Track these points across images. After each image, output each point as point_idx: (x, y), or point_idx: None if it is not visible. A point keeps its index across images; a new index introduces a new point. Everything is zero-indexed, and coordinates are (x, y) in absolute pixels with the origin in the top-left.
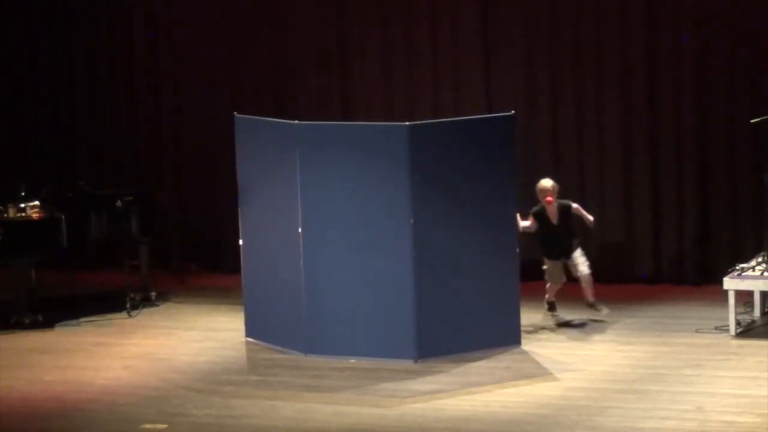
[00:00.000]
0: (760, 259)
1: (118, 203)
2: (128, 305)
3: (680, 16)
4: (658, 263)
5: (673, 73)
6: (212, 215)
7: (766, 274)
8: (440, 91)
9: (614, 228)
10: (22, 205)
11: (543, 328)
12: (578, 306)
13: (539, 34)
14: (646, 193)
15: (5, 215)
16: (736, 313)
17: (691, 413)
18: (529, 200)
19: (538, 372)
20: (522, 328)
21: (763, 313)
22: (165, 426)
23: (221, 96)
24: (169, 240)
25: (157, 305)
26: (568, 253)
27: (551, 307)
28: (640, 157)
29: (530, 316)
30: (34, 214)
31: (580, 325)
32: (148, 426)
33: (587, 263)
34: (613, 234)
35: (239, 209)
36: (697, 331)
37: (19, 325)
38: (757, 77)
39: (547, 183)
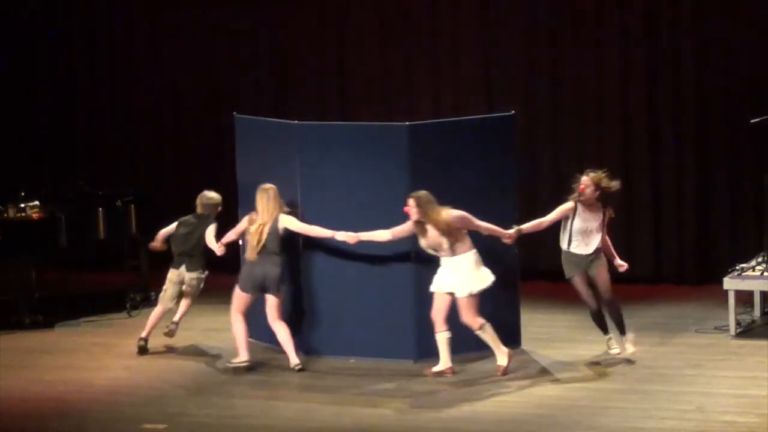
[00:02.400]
0: (760, 259)
1: (118, 203)
2: (128, 305)
3: (680, 17)
4: (658, 263)
5: (674, 73)
6: None
7: (766, 274)
8: (440, 91)
9: (615, 228)
10: (22, 205)
11: (543, 328)
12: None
13: (539, 34)
14: (646, 192)
15: (5, 215)
16: (736, 313)
17: (691, 413)
18: (529, 200)
19: (538, 372)
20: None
21: (763, 313)
22: (165, 426)
23: (221, 96)
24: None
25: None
26: None
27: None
28: (640, 157)
29: (530, 316)
30: (34, 214)
31: (577, 327)
32: (148, 426)
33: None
34: (613, 234)
35: (239, 209)
36: (697, 331)
37: (19, 325)
38: (757, 77)
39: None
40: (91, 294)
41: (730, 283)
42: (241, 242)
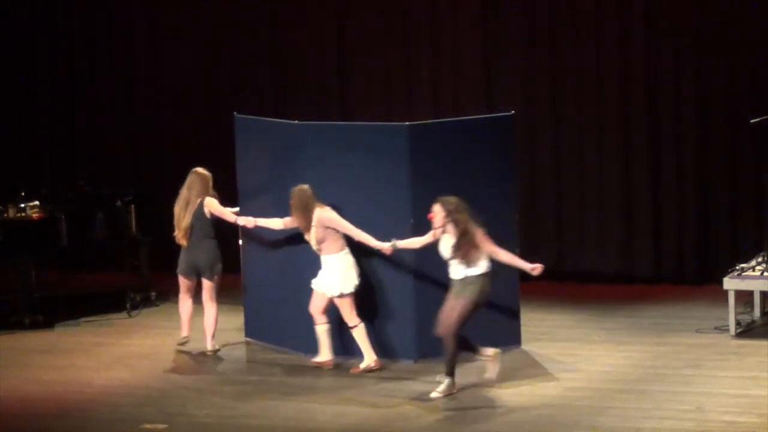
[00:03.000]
0: (760, 259)
1: (118, 203)
2: (128, 305)
3: (680, 17)
4: (658, 263)
5: (674, 74)
6: None
7: (766, 274)
8: (440, 91)
9: (615, 228)
10: (22, 205)
11: (543, 328)
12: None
13: (539, 35)
14: (646, 192)
15: (5, 215)
16: (736, 313)
17: (690, 413)
18: (529, 200)
19: (538, 372)
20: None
21: (763, 313)
22: (165, 426)
23: (221, 96)
24: (170, 240)
25: (157, 305)
26: None
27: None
28: (640, 157)
29: (530, 316)
30: (34, 214)
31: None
32: (148, 426)
33: None
34: (613, 234)
35: (239, 209)
36: (697, 331)
37: (19, 325)
38: (757, 77)
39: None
40: (91, 294)
41: (730, 283)
42: (241, 242)
